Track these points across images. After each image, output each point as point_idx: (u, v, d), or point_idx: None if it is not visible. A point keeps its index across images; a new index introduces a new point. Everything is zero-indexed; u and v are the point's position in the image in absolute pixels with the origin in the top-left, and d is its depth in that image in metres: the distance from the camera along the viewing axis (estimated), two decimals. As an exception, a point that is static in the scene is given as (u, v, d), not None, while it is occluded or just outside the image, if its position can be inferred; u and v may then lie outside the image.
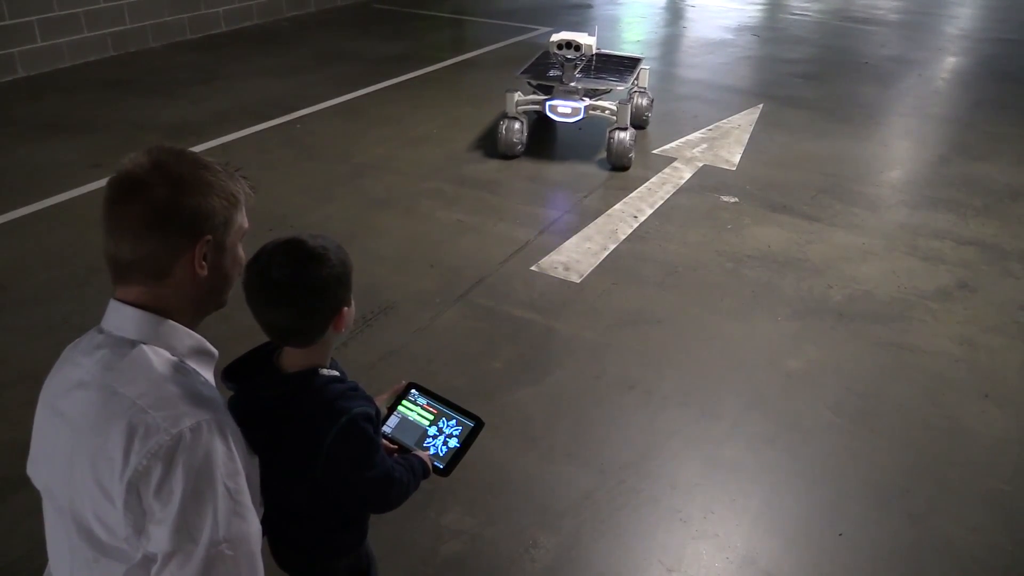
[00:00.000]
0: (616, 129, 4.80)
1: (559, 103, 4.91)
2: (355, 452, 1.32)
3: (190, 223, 1.16)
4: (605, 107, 4.97)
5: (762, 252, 3.92)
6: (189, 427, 1.10)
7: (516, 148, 4.98)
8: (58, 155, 4.88)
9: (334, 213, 4.24)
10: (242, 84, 6.35)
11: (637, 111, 5.38)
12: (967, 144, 5.47)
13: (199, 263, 1.18)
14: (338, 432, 1.29)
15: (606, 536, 2.31)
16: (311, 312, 1.28)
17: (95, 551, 1.15)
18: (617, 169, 4.87)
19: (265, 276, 1.25)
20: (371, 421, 1.35)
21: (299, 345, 1.32)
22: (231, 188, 1.22)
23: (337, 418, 1.29)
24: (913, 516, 2.41)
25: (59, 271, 3.61)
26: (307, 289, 1.26)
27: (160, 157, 1.17)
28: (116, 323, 1.20)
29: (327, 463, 1.30)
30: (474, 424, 1.52)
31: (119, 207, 1.15)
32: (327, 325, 1.30)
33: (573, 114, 4.92)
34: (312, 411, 1.30)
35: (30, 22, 6.33)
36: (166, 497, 1.07)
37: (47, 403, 1.23)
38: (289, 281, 1.25)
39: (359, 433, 1.31)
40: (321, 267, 1.27)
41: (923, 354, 3.18)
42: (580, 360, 3.10)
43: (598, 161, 4.99)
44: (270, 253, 1.27)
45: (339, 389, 1.33)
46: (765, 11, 10.18)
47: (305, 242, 1.28)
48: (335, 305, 1.30)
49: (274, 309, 1.27)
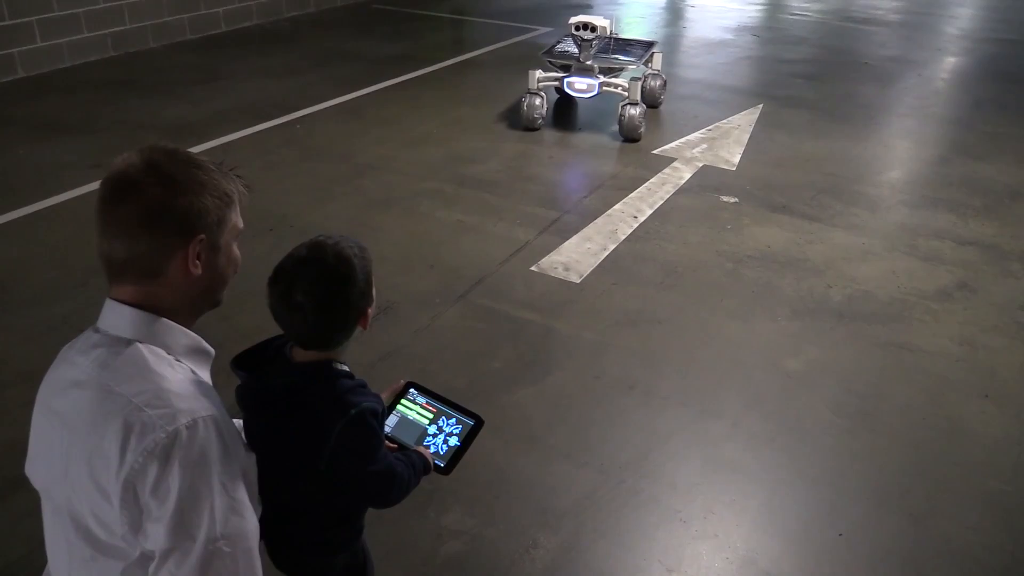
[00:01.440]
0: (628, 104, 5.24)
1: (576, 79, 5.36)
2: (361, 445, 1.33)
3: (183, 222, 1.16)
4: (618, 84, 5.34)
5: (762, 252, 3.92)
6: (185, 424, 1.10)
7: (537, 122, 5.43)
8: (58, 155, 4.88)
9: (334, 213, 4.24)
10: (242, 84, 6.35)
11: (651, 92, 5.80)
12: (967, 144, 5.47)
13: (192, 262, 1.18)
14: (346, 424, 1.30)
15: (606, 536, 2.31)
16: (338, 328, 1.32)
17: (92, 549, 1.15)
18: (628, 141, 5.30)
19: (288, 299, 1.26)
20: (377, 417, 1.36)
21: (322, 350, 1.34)
22: (224, 187, 1.22)
23: (346, 410, 1.30)
24: (913, 516, 2.41)
25: (59, 271, 3.61)
26: (333, 311, 1.29)
27: (152, 156, 1.17)
28: (112, 322, 1.20)
29: (333, 455, 1.31)
30: (474, 422, 1.52)
31: (112, 207, 1.15)
32: (352, 332, 1.35)
33: (588, 90, 5.36)
34: (322, 402, 1.31)
35: (30, 22, 6.33)
36: (163, 495, 1.07)
37: (44, 403, 1.23)
38: (315, 304, 1.27)
39: (366, 427, 1.33)
40: (346, 287, 1.29)
41: (923, 354, 3.18)
42: (580, 360, 3.10)
43: (606, 153, 4.99)
44: (291, 274, 1.27)
45: (349, 384, 1.35)
46: (765, 11, 10.18)
47: (327, 259, 1.28)
48: (359, 314, 1.34)
49: (300, 325, 1.29)
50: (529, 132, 5.48)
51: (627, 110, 5.22)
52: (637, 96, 5.24)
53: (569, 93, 5.47)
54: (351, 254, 1.30)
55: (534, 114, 5.39)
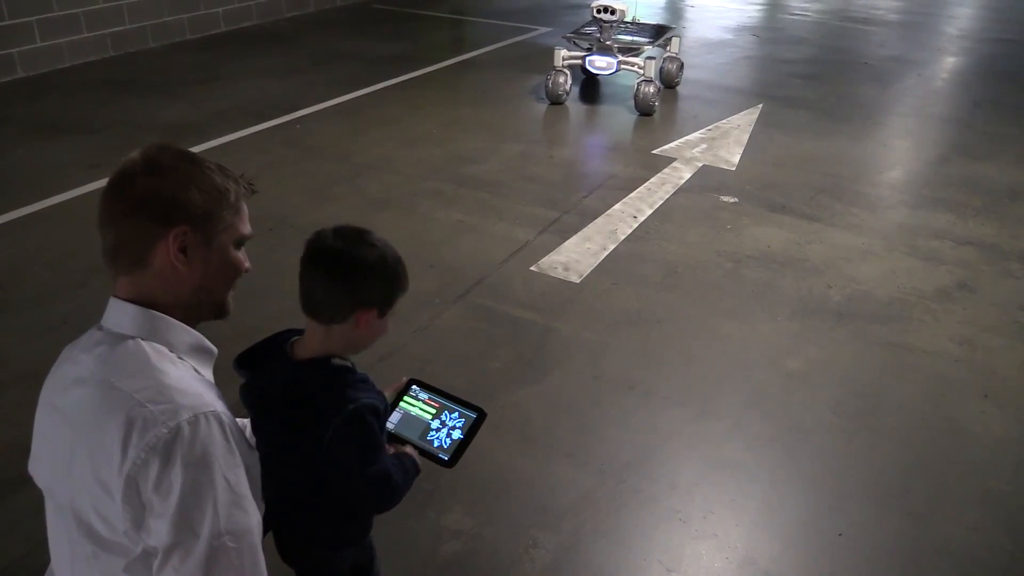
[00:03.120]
0: (643, 81, 5.70)
1: (596, 58, 5.89)
2: (357, 443, 1.33)
3: (163, 210, 1.17)
4: (635, 63, 5.79)
5: (762, 252, 3.92)
6: (187, 420, 1.10)
7: (562, 97, 5.95)
8: (57, 155, 4.88)
9: (334, 213, 4.23)
10: (242, 84, 6.35)
11: (668, 75, 6.34)
12: (967, 144, 5.47)
13: (175, 254, 1.18)
14: (342, 421, 1.30)
15: (606, 536, 2.31)
16: (340, 288, 1.32)
17: (95, 546, 1.15)
18: (643, 115, 5.79)
19: (321, 241, 1.33)
20: (377, 415, 1.35)
21: (321, 321, 1.34)
22: (218, 184, 1.22)
23: (343, 406, 1.30)
24: (913, 516, 2.41)
25: (59, 271, 3.61)
26: (348, 264, 1.32)
27: (150, 151, 1.21)
28: (115, 319, 1.21)
29: (328, 451, 1.31)
30: (476, 415, 1.53)
31: (107, 197, 1.19)
32: (350, 310, 1.33)
33: (607, 67, 5.88)
34: (320, 397, 1.31)
35: (30, 22, 6.33)
36: (165, 491, 1.07)
37: (47, 401, 1.23)
38: (336, 249, 1.32)
39: (363, 424, 1.32)
40: (370, 251, 1.34)
41: (923, 354, 3.18)
42: (580, 360, 3.10)
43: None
44: (338, 228, 1.35)
45: (349, 379, 1.35)
46: (765, 11, 10.18)
47: (370, 232, 1.36)
48: (366, 297, 1.34)
49: (313, 271, 1.32)
50: (529, 132, 5.48)
51: (642, 87, 5.69)
52: (651, 74, 5.68)
53: (590, 70, 6.02)
54: (388, 248, 1.38)
55: (559, 91, 5.90)
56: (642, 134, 5.56)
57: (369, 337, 1.39)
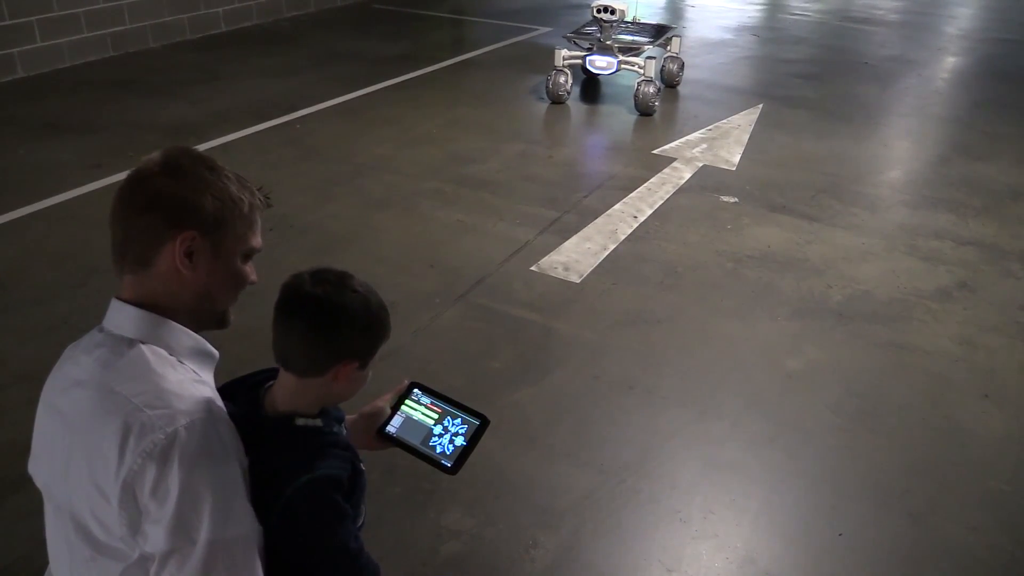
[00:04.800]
0: (643, 81, 5.69)
1: (597, 57, 5.90)
2: (309, 516, 1.21)
3: (174, 212, 1.17)
4: (635, 62, 5.79)
5: (762, 252, 3.92)
6: (184, 425, 1.09)
7: (563, 97, 5.96)
8: (58, 155, 4.88)
9: (334, 213, 4.24)
10: (242, 84, 6.35)
11: (669, 74, 6.36)
12: (967, 144, 5.47)
13: (180, 257, 1.18)
14: (293, 492, 1.19)
15: (606, 536, 2.31)
16: (320, 339, 1.22)
17: (92, 549, 1.15)
18: (644, 115, 5.78)
19: (299, 287, 1.23)
20: (337, 486, 1.23)
21: (295, 373, 1.24)
22: (233, 193, 1.22)
23: (296, 476, 1.19)
24: (913, 516, 2.41)
25: (59, 271, 3.61)
26: (329, 313, 1.22)
27: (171, 153, 1.22)
28: (116, 322, 1.20)
29: (279, 521, 1.20)
30: (479, 422, 1.52)
31: (121, 194, 1.20)
32: (330, 363, 1.23)
33: (607, 67, 5.88)
34: (276, 462, 1.22)
35: (30, 22, 6.33)
36: (162, 496, 1.07)
37: (47, 401, 1.23)
38: (317, 297, 1.22)
39: (316, 497, 1.21)
40: (353, 298, 1.23)
41: (923, 354, 3.18)
42: (580, 360, 3.10)
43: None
44: (317, 272, 1.25)
45: (312, 444, 1.24)
46: (765, 11, 10.18)
47: (351, 276, 1.26)
48: (347, 348, 1.24)
49: (289, 320, 1.23)
50: (529, 132, 5.49)
51: (642, 87, 5.69)
52: (651, 74, 5.68)
53: (590, 70, 6.02)
54: (372, 294, 1.27)
55: (560, 90, 5.91)
56: (642, 134, 5.56)
57: (347, 391, 1.29)
